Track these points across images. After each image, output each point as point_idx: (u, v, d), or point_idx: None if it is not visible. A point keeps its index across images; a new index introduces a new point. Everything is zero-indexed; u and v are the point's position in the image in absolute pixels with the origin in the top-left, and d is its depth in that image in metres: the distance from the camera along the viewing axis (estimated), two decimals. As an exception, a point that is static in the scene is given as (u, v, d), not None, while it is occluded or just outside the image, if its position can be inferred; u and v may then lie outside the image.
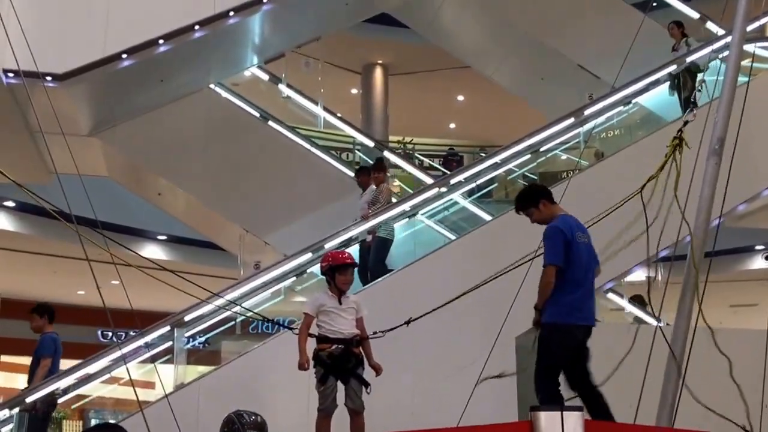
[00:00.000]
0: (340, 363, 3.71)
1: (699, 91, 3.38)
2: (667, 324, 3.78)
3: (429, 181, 7.96)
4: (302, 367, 3.71)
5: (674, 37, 7.68)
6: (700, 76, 6.98)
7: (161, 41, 6.34)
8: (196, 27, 6.46)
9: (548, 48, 8.91)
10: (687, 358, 2.82)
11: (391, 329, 3.67)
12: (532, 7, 8.82)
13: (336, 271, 3.84)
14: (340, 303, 3.81)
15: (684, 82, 7.09)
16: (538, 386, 3.51)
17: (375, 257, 6.22)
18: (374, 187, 6.71)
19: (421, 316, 3.75)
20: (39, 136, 6.64)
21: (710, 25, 7.87)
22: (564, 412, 1.71)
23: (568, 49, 8.85)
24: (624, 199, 3.29)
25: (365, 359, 3.81)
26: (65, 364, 5.76)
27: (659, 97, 7.21)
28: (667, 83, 7.23)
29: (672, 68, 7.13)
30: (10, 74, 5.74)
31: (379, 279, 5.92)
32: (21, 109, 6.32)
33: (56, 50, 5.79)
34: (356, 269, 4.17)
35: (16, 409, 5.50)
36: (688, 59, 7.21)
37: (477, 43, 9.96)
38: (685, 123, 3.17)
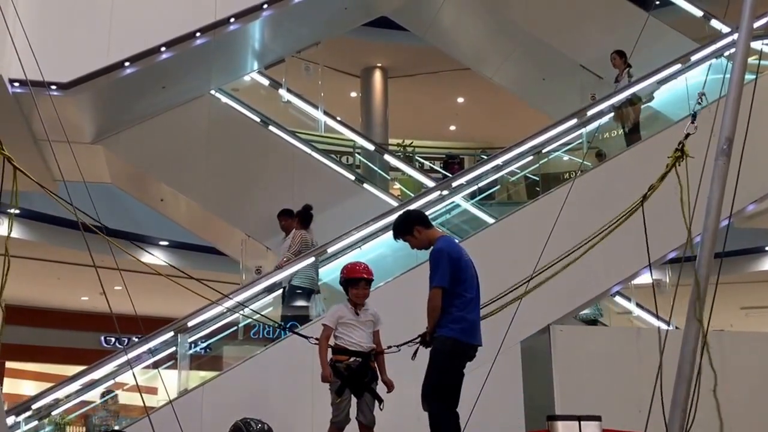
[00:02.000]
0: (357, 376, 3.69)
1: (700, 103, 3.40)
2: (676, 327, 3.76)
3: (430, 183, 7.96)
4: (326, 379, 3.67)
5: (616, 68, 7.45)
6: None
7: (163, 48, 6.35)
8: (198, 34, 6.47)
9: (549, 48, 8.89)
10: (700, 363, 2.80)
11: (406, 343, 3.66)
12: (533, 6, 8.81)
13: (349, 284, 3.84)
14: (357, 314, 3.80)
15: (626, 115, 6.93)
16: (433, 410, 3.45)
17: (287, 304, 6.10)
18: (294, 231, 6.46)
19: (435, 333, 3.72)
20: (44, 144, 6.66)
21: (714, 23, 7.84)
22: (582, 422, 1.70)
23: (569, 49, 8.82)
24: (624, 211, 3.27)
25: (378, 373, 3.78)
26: (69, 369, 5.75)
27: (664, 97, 7.18)
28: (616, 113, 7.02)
29: (614, 101, 6.92)
30: (16, 83, 5.76)
31: (381, 283, 5.89)
32: (26, 118, 6.33)
33: (60, 59, 5.80)
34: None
35: (23, 416, 5.49)
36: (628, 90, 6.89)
37: (477, 45, 9.95)
38: (687, 135, 3.16)
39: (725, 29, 7.37)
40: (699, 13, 8.22)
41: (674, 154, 3.03)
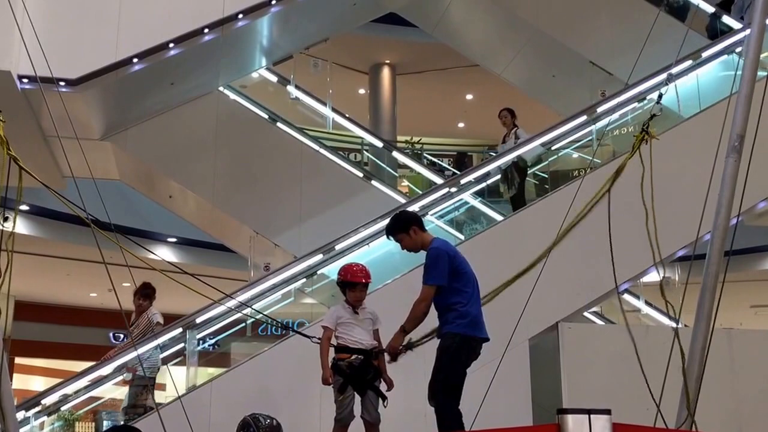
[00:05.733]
0: (360, 374, 3.69)
1: (667, 84, 3.41)
2: (685, 325, 3.73)
3: (438, 181, 7.94)
4: (326, 381, 3.69)
5: (505, 126, 7.30)
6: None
7: (171, 45, 6.36)
8: (206, 30, 6.48)
9: (559, 44, 8.83)
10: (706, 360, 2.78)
11: (406, 346, 3.65)
12: (542, 2, 8.75)
13: (347, 287, 3.85)
14: (356, 313, 3.82)
15: (511, 178, 6.78)
16: (439, 404, 3.43)
17: (132, 398, 5.55)
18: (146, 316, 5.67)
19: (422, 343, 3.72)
20: (52, 141, 6.70)
21: (725, 19, 7.75)
22: (592, 415, 1.69)
23: (579, 46, 8.76)
24: (590, 202, 3.23)
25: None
26: (78, 365, 5.79)
27: (674, 94, 7.12)
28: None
29: (500, 163, 6.77)
30: (25, 80, 5.79)
31: (389, 281, 5.88)
32: (35, 114, 6.37)
33: (69, 56, 5.83)
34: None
35: (32, 411, 5.55)
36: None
37: (486, 41, 9.90)
38: (652, 116, 3.13)
39: (737, 25, 7.29)
40: (710, 8, 8.13)
41: (639, 135, 3.01)
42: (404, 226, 3.79)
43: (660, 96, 3.16)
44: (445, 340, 3.52)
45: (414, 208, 6.56)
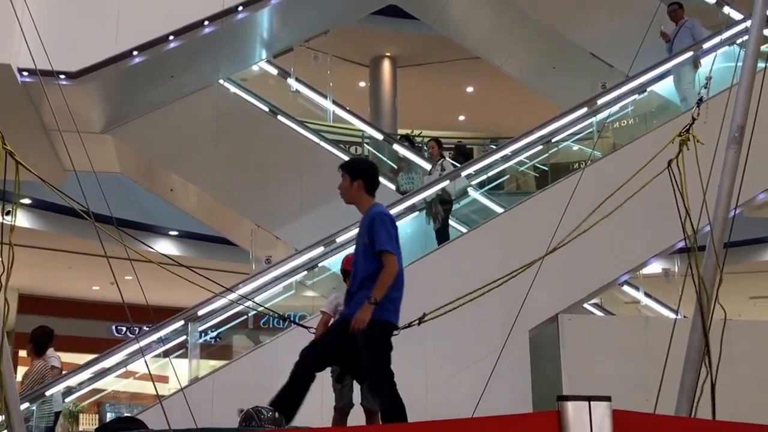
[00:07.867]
0: (357, 362, 3.71)
1: (706, 87, 3.42)
2: (684, 317, 3.75)
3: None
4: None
5: (433, 156, 7.09)
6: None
7: (171, 37, 6.36)
8: (206, 22, 6.48)
9: (560, 37, 8.81)
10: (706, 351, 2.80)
11: (405, 327, 3.63)
12: (543, -6, 8.72)
13: (347, 276, 3.89)
14: None
15: (435, 213, 6.58)
16: (381, 390, 3.19)
17: None
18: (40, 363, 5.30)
19: (434, 316, 3.68)
20: (53, 134, 6.71)
21: (727, 10, 7.71)
22: (592, 402, 1.70)
23: (580, 38, 8.74)
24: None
25: None
26: (81, 358, 5.83)
27: (674, 86, 7.11)
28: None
29: (425, 195, 6.55)
30: (25, 73, 5.80)
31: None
32: (36, 108, 6.38)
33: (69, 48, 5.83)
34: None
35: (36, 403, 5.58)
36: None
37: (487, 33, 9.88)
38: (693, 120, 3.09)
39: (738, 16, 7.26)
40: (712, 0, 8.10)
41: (677, 135, 2.97)
42: (354, 173, 3.38)
43: (700, 99, 3.10)
44: (378, 330, 3.17)
45: (414, 201, 6.58)
